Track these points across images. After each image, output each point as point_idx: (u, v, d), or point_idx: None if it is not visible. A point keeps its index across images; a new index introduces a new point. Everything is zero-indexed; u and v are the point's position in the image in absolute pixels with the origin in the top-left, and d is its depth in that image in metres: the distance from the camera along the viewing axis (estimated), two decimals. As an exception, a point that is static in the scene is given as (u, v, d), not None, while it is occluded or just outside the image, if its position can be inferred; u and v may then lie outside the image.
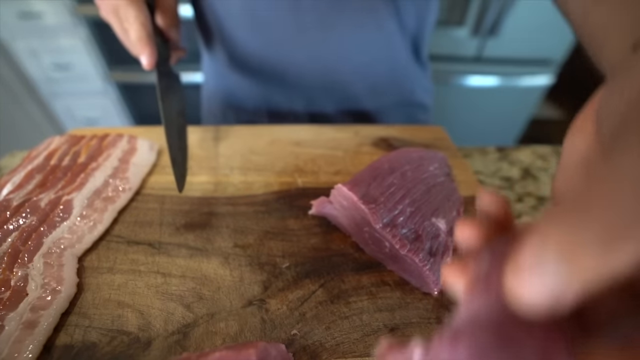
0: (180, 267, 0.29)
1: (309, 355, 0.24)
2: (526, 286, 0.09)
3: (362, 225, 0.29)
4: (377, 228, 0.27)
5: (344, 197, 0.29)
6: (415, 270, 0.27)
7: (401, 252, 0.26)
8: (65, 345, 0.24)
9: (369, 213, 0.27)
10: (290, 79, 0.51)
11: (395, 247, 0.27)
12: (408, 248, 0.26)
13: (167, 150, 0.34)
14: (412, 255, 0.26)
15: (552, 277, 0.09)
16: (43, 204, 0.31)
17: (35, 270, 0.27)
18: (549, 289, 0.09)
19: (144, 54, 0.38)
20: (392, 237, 0.26)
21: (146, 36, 0.38)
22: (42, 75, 1.36)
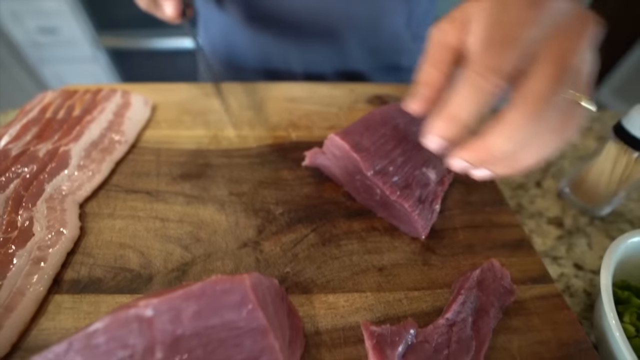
0: (178, 213, 0.30)
1: (300, 291, 0.26)
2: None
3: (354, 174, 0.30)
4: (369, 175, 0.28)
5: (337, 147, 0.30)
6: (405, 216, 0.29)
7: (391, 197, 0.27)
8: (73, 279, 0.25)
9: (361, 160, 0.28)
10: (289, 36, 0.51)
11: (385, 194, 0.28)
12: (398, 194, 0.27)
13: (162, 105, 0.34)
14: (401, 201, 0.27)
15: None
16: (41, 154, 0.32)
17: (39, 214, 0.28)
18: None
19: (168, 2, 0.34)
20: (383, 184, 0.27)
21: None
22: (27, 40, 1.32)
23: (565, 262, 0.33)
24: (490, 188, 0.35)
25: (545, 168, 0.44)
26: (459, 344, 0.22)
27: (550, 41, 0.19)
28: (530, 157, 0.21)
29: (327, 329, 0.24)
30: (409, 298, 0.26)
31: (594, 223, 0.37)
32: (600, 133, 0.51)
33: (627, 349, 0.22)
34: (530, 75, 0.19)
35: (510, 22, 0.19)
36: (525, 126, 0.19)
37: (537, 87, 0.19)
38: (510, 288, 0.25)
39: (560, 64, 0.19)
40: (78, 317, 0.23)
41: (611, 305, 0.23)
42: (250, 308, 0.18)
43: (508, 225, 0.31)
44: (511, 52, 0.19)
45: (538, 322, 0.25)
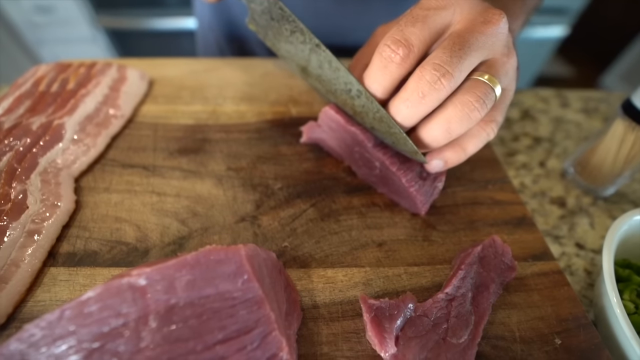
0: (175, 187, 0.30)
1: (298, 265, 0.26)
2: None
3: (352, 146, 0.29)
4: (369, 147, 0.27)
5: (332, 120, 0.29)
6: (404, 192, 0.28)
7: (391, 168, 0.26)
8: (69, 252, 0.25)
9: (360, 133, 0.27)
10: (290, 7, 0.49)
11: (385, 167, 0.27)
12: (397, 167, 0.27)
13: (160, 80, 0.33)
14: (400, 175, 0.27)
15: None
16: (35, 127, 0.31)
17: (33, 187, 0.27)
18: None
19: None
20: (383, 155, 0.27)
21: None
22: (24, 19, 1.29)
23: (566, 242, 0.33)
24: (493, 165, 0.34)
25: (550, 148, 0.43)
26: (458, 318, 0.22)
27: (456, 25, 0.22)
28: (437, 129, 0.23)
29: (325, 303, 0.24)
30: (408, 273, 0.26)
31: (597, 203, 0.37)
32: (607, 114, 0.49)
33: (627, 325, 0.22)
34: (432, 51, 0.22)
35: (424, 5, 0.22)
36: (418, 88, 0.21)
37: (433, 55, 0.21)
38: (511, 264, 0.25)
39: (457, 41, 0.21)
40: (74, 290, 0.23)
41: (613, 283, 0.23)
42: (246, 278, 0.18)
43: (510, 203, 0.31)
44: (416, 26, 0.22)
45: (538, 298, 0.25)
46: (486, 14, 0.22)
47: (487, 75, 0.22)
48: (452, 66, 0.21)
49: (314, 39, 0.26)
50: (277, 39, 0.30)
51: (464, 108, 0.22)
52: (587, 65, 2.23)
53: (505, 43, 0.23)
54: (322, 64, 0.27)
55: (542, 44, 1.45)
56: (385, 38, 0.22)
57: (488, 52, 0.22)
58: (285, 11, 0.27)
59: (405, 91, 0.22)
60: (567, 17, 1.37)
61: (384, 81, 0.23)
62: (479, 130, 0.25)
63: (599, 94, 0.53)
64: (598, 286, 0.26)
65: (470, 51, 0.21)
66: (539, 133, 0.46)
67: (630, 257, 0.29)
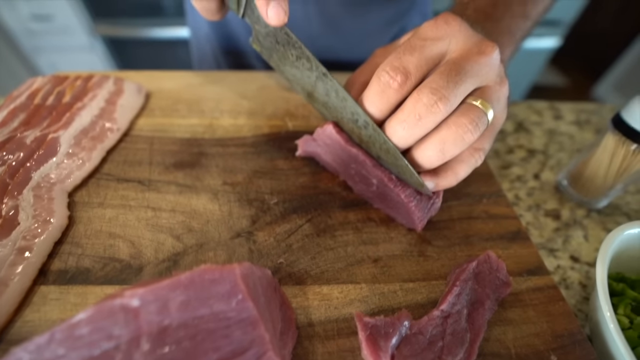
0: (170, 202, 0.30)
1: (294, 282, 0.25)
2: None
3: (349, 163, 0.29)
4: (369, 167, 0.27)
5: (330, 138, 0.29)
6: (402, 207, 0.28)
7: (390, 185, 0.26)
8: (60, 270, 0.25)
9: (361, 154, 0.27)
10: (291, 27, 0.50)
11: (382, 184, 0.27)
12: (395, 183, 0.27)
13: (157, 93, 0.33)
14: (399, 191, 0.27)
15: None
16: (29, 141, 0.31)
17: (26, 202, 0.27)
18: None
19: (274, 4, 0.24)
20: (382, 172, 0.27)
21: None
22: (21, 27, 1.29)
23: (561, 255, 0.33)
24: (487, 179, 0.34)
25: (544, 160, 0.44)
26: (454, 335, 0.22)
27: (452, 54, 0.24)
28: (431, 149, 0.24)
29: (320, 321, 0.23)
30: (404, 290, 0.25)
31: (591, 215, 0.37)
32: (599, 126, 0.50)
33: (621, 340, 0.22)
34: (429, 75, 0.23)
35: (421, 36, 0.23)
36: (415, 111, 0.22)
37: (430, 79, 0.22)
38: (506, 280, 0.25)
39: (453, 67, 0.22)
40: (64, 309, 0.23)
41: (606, 297, 0.23)
42: (240, 298, 0.18)
43: (505, 217, 0.31)
44: (413, 55, 0.23)
45: (533, 313, 0.25)
46: (480, 45, 0.23)
47: (480, 100, 0.23)
48: (448, 91, 0.22)
49: (320, 68, 0.26)
50: (282, 62, 0.30)
51: (458, 130, 0.22)
52: (580, 74, 2.27)
53: (498, 72, 0.24)
54: (328, 92, 0.27)
55: (535, 54, 1.48)
56: (384, 64, 0.23)
57: (482, 79, 0.23)
58: (291, 37, 0.27)
59: (403, 113, 0.23)
60: (559, 28, 1.40)
61: (381, 105, 0.24)
62: (469, 157, 0.25)
63: (591, 106, 0.54)
64: (593, 300, 0.26)
65: (465, 78, 0.22)
66: (533, 145, 0.46)
67: (624, 270, 0.29)
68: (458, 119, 0.23)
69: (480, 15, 0.32)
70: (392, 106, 0.24)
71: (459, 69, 0.22)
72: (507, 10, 0.33)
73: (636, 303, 0.27)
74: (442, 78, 0.22)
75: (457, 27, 0.23)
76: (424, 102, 0.22)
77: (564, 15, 1.36)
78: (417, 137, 0.23)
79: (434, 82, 0.22)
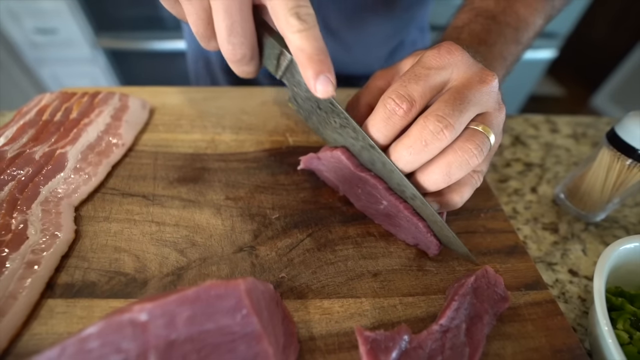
0: (174, 216, 0.30)
1: (295, 296, 0.26)
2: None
3: (356, 184, 0.29)
4: (381, 190, 0.27)
5: (337, 160, 0.29)
6: (415, 231, 0.28)
7: (405, 213, 0.27)
8: (67, 283, 0.25)
9: (371, 178, 0.27)
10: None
11: (396, 210, 0.27)
12: (412, 212, 0.27)
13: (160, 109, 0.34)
14: (417, 221, 0.27)
15: None
16: (37, 156, 0.32)
17: (34, 217, 0.28)
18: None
19: (326, 73, 0.23)
20: (396, 199, 0.27)
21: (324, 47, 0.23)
22: (25, 40, 1.32)
23: (560, 268, 0.34)
24: (485, 193, 0.35)
25: (541, 174, 0.44)
26: (453, 350, 0.22)
27: (454, 82, 0.25)
28: (437, 173, 0.24)
29: (321, 335, 0.24)
30: (403, 304, 0.26)
31: (589, 229, 0.38)
32: (595, 139, 0.51)
33: (619, 355, 0.22)
34: (434, 102, 0.24)
35: (426, 65, 0.24)
36: (422, 137, 0.23)
37: (435, 107, 0.23)
38: (504, 295, 0.25)
39: (457, 96, 0.23)
40: (71, 322, 0.23)
41: (604, 312, 0.24)
42: (245, 313, 0.18)
43: (502, 231, 0.32)
44: (418, 83, 0.24)
45: (532, 328, 0.25)
46: (481, 74, 0.24)
47: (482, 125, 0.24)
48: (453, 119, 0.23)
49: (367, 139, 0.26)
50: (323, 126, 0.29)
51: (464, 155, 0.23)
52: (577, 85, 2.30)
53: (497, 99, 0.26)
54: (374, 161, 0.27)
55: (532, 65, 1.50)
56: (390, 91, 0.24)
57: (483, 106, 0.25)
58: (336, 107, 0.26)
59: (409, 138, 0.24)
60: (556, 39, 1.42)
61: (387, 131, 0.25)
62: (469, 179, 0.27)
63: (587, 119, 0.55)
64: (591, 315, 0.26)
65: (469, 106, 0.23)
66: (530, 159, 0.47)
67: (623, 285, 0.29)
68: (464, 145, 0.24)
69: (474, 40, 0.34)
70: (397, 132, 0.25)
71: (462, 97, 0.23)
72: (500, 36, 0.35)
73: (635, 318, 0.27)
74: (447, 106, 0.23)
75: (459, 57, 0.24)
76: (430, 129, 0.23)
77: (560, 26, 1.39)
78: (422, 162, 0.24)
79: (440, 110, 0.23)
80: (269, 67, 0.28)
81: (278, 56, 0.26)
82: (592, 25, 2.10)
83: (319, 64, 0.22)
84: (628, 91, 1.95)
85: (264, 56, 0.27)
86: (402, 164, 0.25)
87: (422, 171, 0.25)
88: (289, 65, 0.26)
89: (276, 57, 0.26)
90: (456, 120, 0.23)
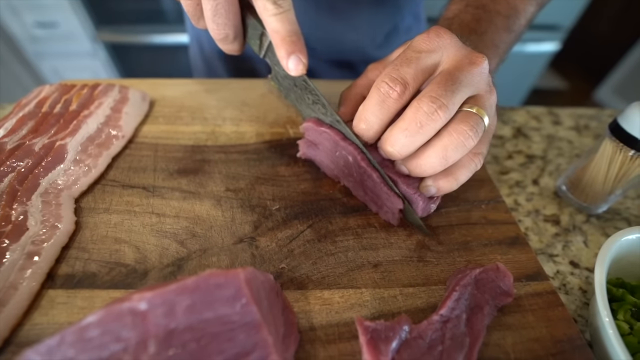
0: (174, 208, 0.30)
1: (295, 286, 0.26)
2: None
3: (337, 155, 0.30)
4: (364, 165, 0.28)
5: (314, 130, 0.31)
6: (380, 192, 0.29)
7: (362, 164, 0.28)
8: (67, 274, 0.25)
9: (342, 140, 0.29)
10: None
11: (371, 180, 0.29)
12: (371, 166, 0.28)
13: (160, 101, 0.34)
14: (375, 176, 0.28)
15: None
16: (37, 148, 0.32)
17: (34, 208, 0.28)
18: None
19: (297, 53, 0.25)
20: (361, 159, 0.28)
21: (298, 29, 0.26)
22: (25, 34, 1.31)
23: (561, 260, 0.34)
24: (486, 185, 0.35)
25: (542, 166, 0.44)
26: (453, 340, 0.22)
27: (444, 65, 0.25)
28: (434, 157, 0.25)
29: (321, 325, 0.24)
30: (403, 294, 0.26)
31: (591, 221, 0.37)
32: (597, 131, 0.51)
33: (620, 346, 0.22)
34: (427, 85, 0.25)
35: (416, 48, 0.25)
36: (417, 119, 0.23)
37: (428, 89, 0.24)
38: (508, 290, 0.25)
39: (449, 77, 0.24)
40: (72, 312, 0.23)
41: (605, 303, 0.23)
42: (244, 302, 0.18)
43: (503, 222, 0.31)
44: (410, 66, 0.24)
45: (532, 319, 0.25)
46: (471, 56, 0.25)
47: (476, 107, 0.25)
48: (447, 99, 0.23)
49: (334, 115, 0.29)
50: (299, 102, 0.32)
51: (459, 136, 0.24)
52: (580, 78, 2.28)
53: (487, 81, 0.26)
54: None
55: (535, 58, 1.49)
56: (383, 75, 0.25)
57: (474, 88, 0.25)
58: (309, 84, 0.29)
59: (404, 121, 0.24)
60: (559, 32, 1.41)
61: (382, 114, 0.25)
62: (469, 161, 0.27)
63: (590, 111, 0.55)
64: (592, 306, 0.26)
65: (461, 87, 0.24)
66: (532, 151, 0.47)
67: (624, 276, 0.29)
68: (458, 126, 0.24)
69: (465, 30, 0.34)
70: (391, 115, 0.25)
71: (454, 78, 0.23)
72: (491, 24, 0.35)
73: (636, 309, 0.27)
74: (440, 87, 0.23)
75: (448, 40, 0.25)
76: (424, 111, 0.23)
77: (563, 19, 1.37)
78: (418, 145, 0.25)
79: (433, 91, 0.23)
80: (253, 47, 0.30)
81: (260, 37, 0.29)
82: (595, 18, 2.08)
83: (291, 44, 0.25)
84: (631, 85, 1.94)
85: (248, 36, 0.30)
86: (399, 147, 0.25)
87: (419, 156, 0.26)
88: (270, 45, 0.29)
89: (258, 37, 0.29)
90: (449, 100, 0.23)
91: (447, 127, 0.24)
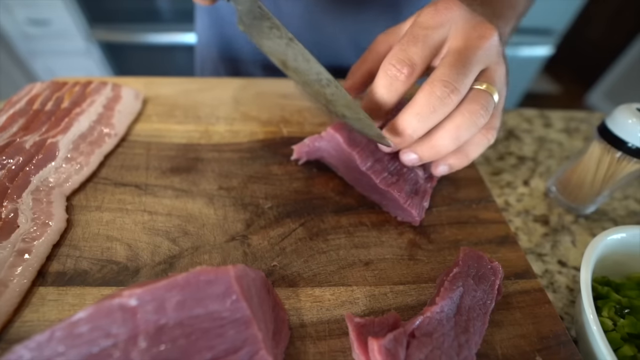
0: (166, 206, 0.30)
1: (287, 284, 0.26)
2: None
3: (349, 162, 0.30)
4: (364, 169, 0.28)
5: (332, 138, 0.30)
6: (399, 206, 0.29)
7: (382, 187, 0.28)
8: (58, 272, 0.25)
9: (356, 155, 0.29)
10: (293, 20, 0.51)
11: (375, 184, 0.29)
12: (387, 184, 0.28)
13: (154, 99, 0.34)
14: (392, 191, 0.28)
15: None
16: (28, 145, 0.32)
17: (25, 206, 0.27)
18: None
19: None
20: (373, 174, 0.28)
21: None
22: (17, 31, 1.29)
23: (549, 259, 0.34)
24: (477, 185, 0.35)
25: (533, 167, 0.45)
26: (445, 335, 0.22)
27: (452, 40, 0.25)
28: (446, 138, 0.25)
29: (312, 322, 0.24)
30: (394, 292, 0.26)
31: (579, 221, 0.38)
32: (588, 134, 0.52)
33: (603, 341, 0.22)
34: (438, 67, 0.24)
35: (423, 24, 0.24)
36: (430, 103, 0.23)
37: (440, 72, 0.23)
38: (498, 288, 0.26)
39: (459, 59, 0.23)
40: (62, 309, 0.23)
41: (590, 300, 0.24)
42: (234, 299, 0.19)
43: (494, 222, 0.32)
44: (417, 45, 0.24)
45: (520, 316, 0.25)
46: (480, 29, 0.24)
47: (486, 84, 0.25)
48: (459, 82, 0.23)
49: (288, 34, 0.29)
50: (260, 37, 0.32)
51: (471, 116, 0.24)
52: (573, 82, 2.31)
53: (497, 52, 0.25)
54: (296, 56, 0.29)
55: (528, 62, 1.50)
56: (390, 57, 0.24)
57: (484, 63, 0.25)
58: (263, 10, 0.30)
59: (416, 105, 0.24)
60: (552, 37, 1.43)
61: (390, 98, 0.25)
62: (481, 138, 0.27)
63: (580, 114, 0.55)
64: (578, 303, 0.27)
65: (472, 67, 0.24)
66: (523, 152, 0.47)
67: (609, 274, 0.30)
68: (470, 106, 0.24)
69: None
70: (400, 97, 0.25)
71: (465, 59, 0.23)
72: None
73: (620, 305, 0.27)
74: (452, 70, 0.23)
75: (457, 12, 0.24)
76: (438, 95, 0.23)
77: (556, 24, 1.39)
78: (430, 127, 0.25)
79: (445, 75, 0.23)
80: None
81: None
82: (588, 23, 2.11)
83: None
84: (623, 89, 1.97)
85: None
86: (411, 130, 0.25)
87: (431, 137, 0.25)
88: None
89: None
90: (461, 83, 0.23)
91: (460, 107, 0.24)
